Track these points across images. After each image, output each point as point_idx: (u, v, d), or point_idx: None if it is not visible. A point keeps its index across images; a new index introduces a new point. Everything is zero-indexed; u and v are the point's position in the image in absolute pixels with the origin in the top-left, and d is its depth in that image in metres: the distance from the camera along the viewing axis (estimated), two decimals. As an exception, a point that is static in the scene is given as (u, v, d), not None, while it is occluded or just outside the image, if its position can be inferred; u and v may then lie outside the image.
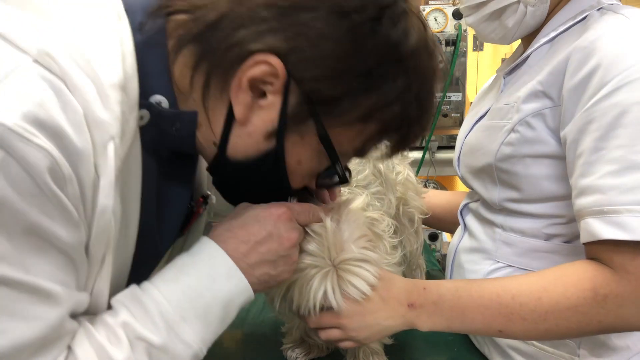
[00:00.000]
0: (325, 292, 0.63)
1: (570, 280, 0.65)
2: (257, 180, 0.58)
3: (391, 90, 0.53)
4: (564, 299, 0.64)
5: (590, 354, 0.75)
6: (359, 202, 0.69)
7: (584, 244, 0.67)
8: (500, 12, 0.82)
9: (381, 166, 0.83)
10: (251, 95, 0.52)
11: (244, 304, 0.58)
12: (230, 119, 0.53)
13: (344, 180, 0.61)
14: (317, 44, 0.50)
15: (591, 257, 0.68)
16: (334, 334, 0.69)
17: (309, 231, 0.63)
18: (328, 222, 0.63)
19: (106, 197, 0.45)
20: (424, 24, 0.56)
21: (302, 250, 0.63)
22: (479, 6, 0.83)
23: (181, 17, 0.53)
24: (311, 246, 0.63)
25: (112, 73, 0.46)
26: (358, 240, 0.64)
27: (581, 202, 0.66)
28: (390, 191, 0.84)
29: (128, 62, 0.48)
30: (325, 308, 0.65)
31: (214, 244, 0.56)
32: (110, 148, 0.45)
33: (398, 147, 0.61)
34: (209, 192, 0.73)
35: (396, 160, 0.90)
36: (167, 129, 0.54)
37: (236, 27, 0.50)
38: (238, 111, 0.52)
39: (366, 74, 0.52)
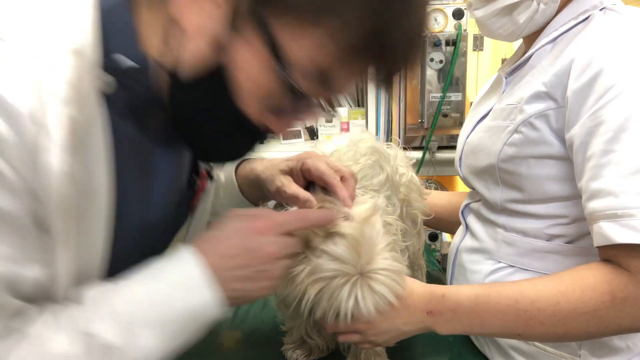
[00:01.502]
0: (356, 301, 0.61)
1: (587, 284, 0.65)
2: (210, 105, 0.54)
3: None
4: (582, 303, 0.64)
5: (591, 355, 0.76)
6: (378, 205, 0.67)
7: (598, 247, 0.67)
8: (512, 8, 0.81)
9: (388, 168, 0.82)
10: None
11: (214, 319, 0.54)
12: (177, 34, 0.51)
13: (308, 105, 0.54)
14: None
15: (605, 259, 0.68)
16: (353, 338, 0.69)
17: (336, 234, 0.61)
18: (353, 229, 0.61)
19: (55, 160, 0.43)
20: None
21: (327, 255, 0.61)
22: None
23: None
24: (339, 249, 0.61)
25: (65, 36, 0.45)
26: (383, 250, 0.63)
27: (593, 205, 0.66)
28: (394, 194, 0.83)
29: (88, 25, 0.47)
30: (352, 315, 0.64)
31: (192, 254, 0.54)
32: (60, 110, 0.43)
33: (378, 74, 0.54)
34: (212, 167, 0.70)
35: (400, 161, 0.90)
36: (132, 86, 0.52)
37: None
38: (179, 14, 0.50)
39: None
